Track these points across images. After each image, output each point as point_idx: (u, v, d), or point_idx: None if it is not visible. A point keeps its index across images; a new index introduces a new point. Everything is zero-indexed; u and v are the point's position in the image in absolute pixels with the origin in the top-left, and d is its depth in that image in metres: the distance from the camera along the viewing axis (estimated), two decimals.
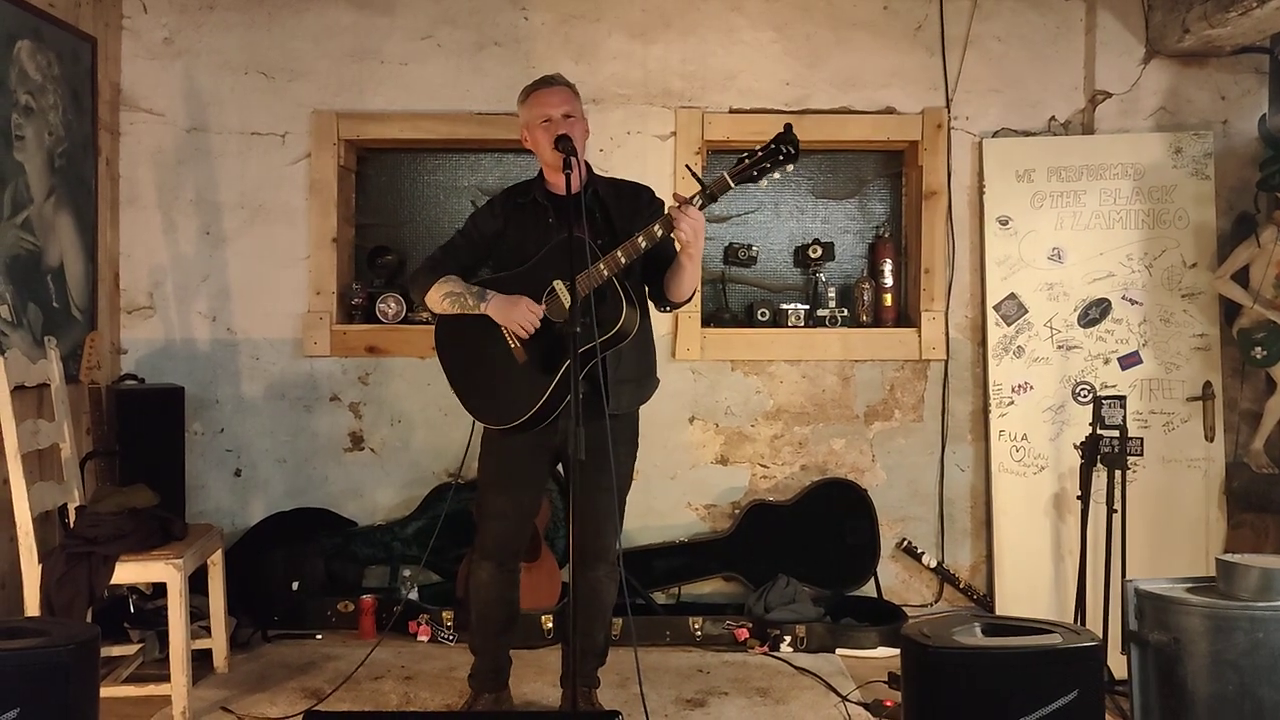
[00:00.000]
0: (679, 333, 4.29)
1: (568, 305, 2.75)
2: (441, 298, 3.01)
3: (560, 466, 3.17)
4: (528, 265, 2.98)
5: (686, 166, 3.18)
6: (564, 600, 3.93)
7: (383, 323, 4.30)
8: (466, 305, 2.97)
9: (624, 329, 2.86)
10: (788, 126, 2.80)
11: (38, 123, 3.72)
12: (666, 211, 2.81)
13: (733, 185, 2.78)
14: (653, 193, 3.13)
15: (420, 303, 3.20)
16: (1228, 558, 2.38)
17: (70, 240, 3.95)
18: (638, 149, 4.30)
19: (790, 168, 2.78)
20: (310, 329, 4.31)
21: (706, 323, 4.37)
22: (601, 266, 2.80)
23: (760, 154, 2.78)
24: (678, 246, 2.88)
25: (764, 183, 2.80)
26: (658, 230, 2.80)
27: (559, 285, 2.87)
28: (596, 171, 3.12)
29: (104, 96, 4.17)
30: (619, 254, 2.81)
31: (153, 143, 4.32)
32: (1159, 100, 4.24)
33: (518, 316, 2.89)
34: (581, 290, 2.76)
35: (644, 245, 2.81)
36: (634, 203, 3.05)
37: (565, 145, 2.86)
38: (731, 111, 4.31)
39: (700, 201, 2.79)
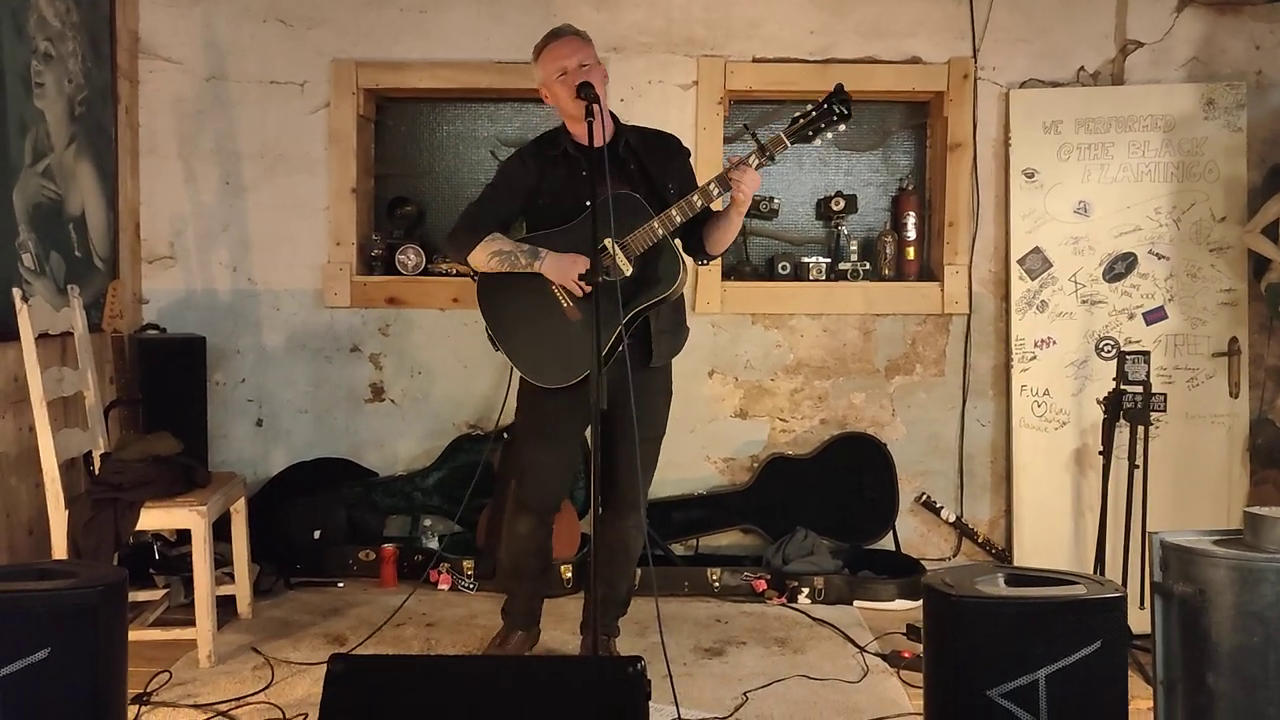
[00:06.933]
0: (699, 286, 4.26)
1: (620, 262, 2.80)
2: (489, 257, 2.95)
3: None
4: (574, 222, 2.92)
5: (744, 125, 3.18)
6: (584, 550, 3.95)
7: (402, 274, 4.29)
8: (518, 264, 2.92)
9: (679, 286, 2.89)
10: (839, 86, 2.84)
11: (57, 70, 3.70)
12: (724, 172, 2.83)
13: (789, 144, 2.84)
14: (679, 140, 3.11)
15: (462, 263, 3.09)
16: (1255, 510, 2.36)
17: (91, 189, 3.94)
18: (659, 98, 4.25)
19: (843, 127, 2.84)
20: (330, 280, 4.31)
21: (727, 275, 4.34)
22: (656, 225, 2.81)
23: (814, 113, 2.83)
24: (725, 204, 2.90)
25: (818, 141, 2.86)
26: (714, 189, 2.83)
27: (610, 243, 2.84)
28: (622, 121, 3.08)
29: (122, 44, 4.14)
30: (674, 213, 2.82)
31: (172, 91, 4.30)
32: (1191, 50, 4.16)
33: (575, 274, 2.86)
34: (636, 248, 2.81)
35: (699, 204, 2.84)
36: (664, 151, 3.03)
37: (587, 92, 2.80)
38: (755, 61, 4.25)
39: (756, 161, 2.83)
